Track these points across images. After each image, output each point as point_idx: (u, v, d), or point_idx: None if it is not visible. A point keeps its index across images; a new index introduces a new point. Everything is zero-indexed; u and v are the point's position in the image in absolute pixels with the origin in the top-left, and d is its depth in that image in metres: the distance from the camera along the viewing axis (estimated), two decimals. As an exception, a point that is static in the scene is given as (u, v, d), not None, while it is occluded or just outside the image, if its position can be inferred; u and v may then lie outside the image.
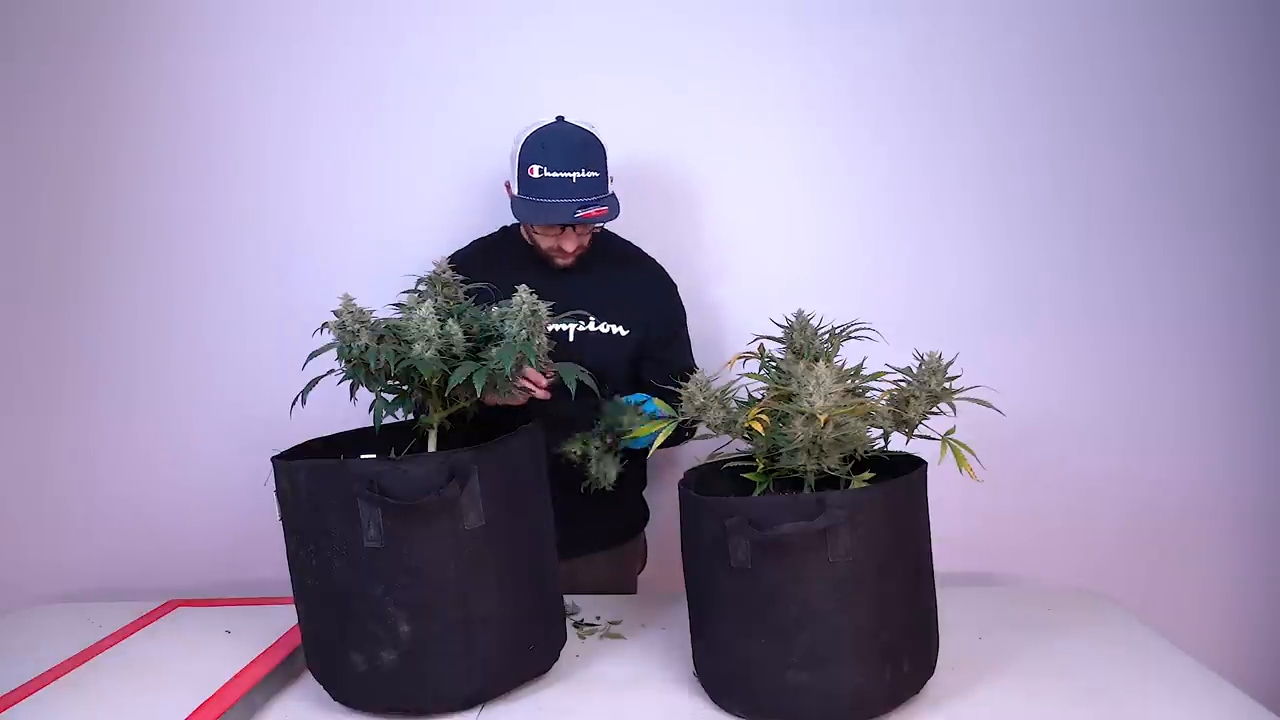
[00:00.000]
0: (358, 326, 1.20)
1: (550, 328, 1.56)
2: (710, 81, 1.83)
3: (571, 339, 1.63)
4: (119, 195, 1.85)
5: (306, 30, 1.84)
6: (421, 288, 1.33)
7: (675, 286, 1.72)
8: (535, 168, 1.51)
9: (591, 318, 1.64)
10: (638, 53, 1.83)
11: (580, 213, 1.50)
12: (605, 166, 1.55)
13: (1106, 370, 1.87)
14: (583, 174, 1.51)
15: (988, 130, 1.83)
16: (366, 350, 1.19)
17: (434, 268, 1.33)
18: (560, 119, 1.55)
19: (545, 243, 1.59)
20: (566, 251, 1.59)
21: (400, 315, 1.25)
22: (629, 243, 1.74)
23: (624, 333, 1.65)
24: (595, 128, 1.55)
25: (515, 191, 1.55)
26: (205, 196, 1.86)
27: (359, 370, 1.22)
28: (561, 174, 1.50)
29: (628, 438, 1.42)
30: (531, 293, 1.25)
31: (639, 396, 1.50)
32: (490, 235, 1.73)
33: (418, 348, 1.18)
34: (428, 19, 1.83)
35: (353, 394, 1.26)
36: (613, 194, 1.56)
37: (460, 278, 1.35)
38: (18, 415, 1.93)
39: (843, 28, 1.82)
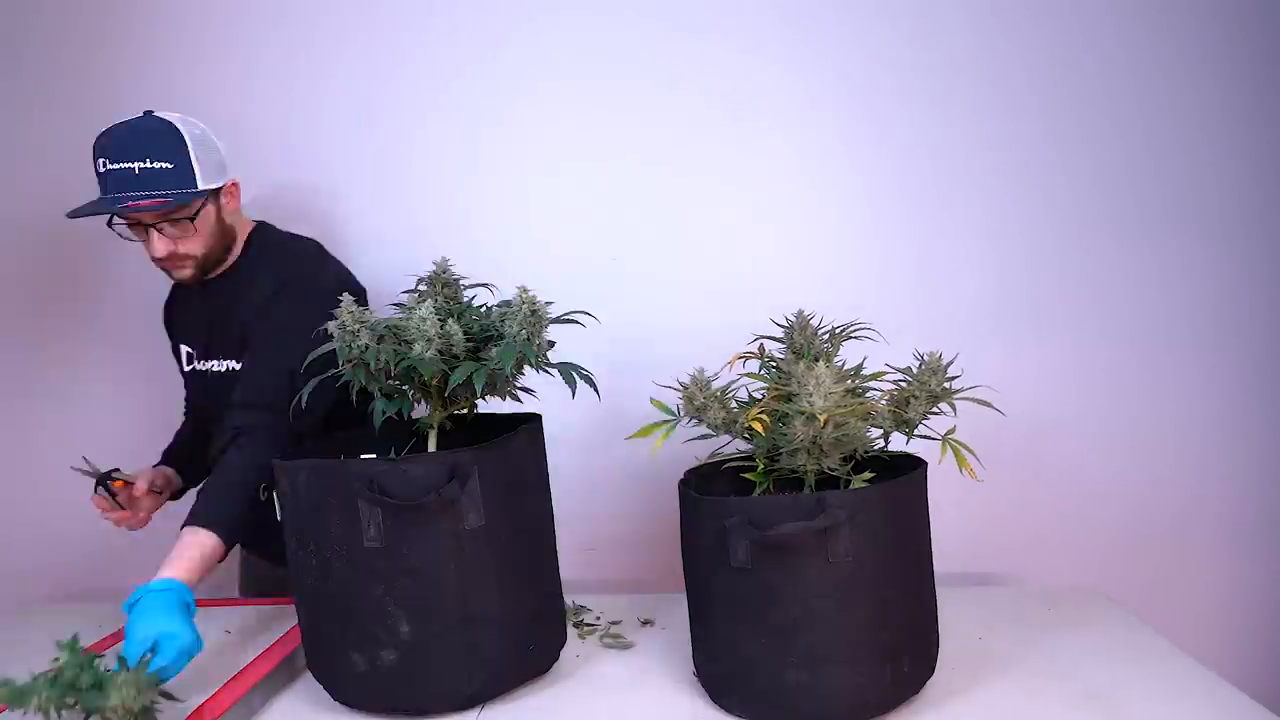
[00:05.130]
0: (358, 326, 1.20)
1: (200, 367, 1.57)
2: (710, 81, 1.83)
3: (209, 379, 1.53)
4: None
5: (315, 28, 1.84)
6: (422, 288, 1.33)
7: (294, 281, 1.48)
8: (101, 161, 1.36)
9: (220, 353, 1.51)
10: (634, 54, 1.83)
11: (121, 204, 1.33)
12: (184, 155, 1.37)
13: (1108, 370, 1.87)
14: (148, 164, 1.35)
15: (992, 131, 1.82)
16: (366, 350, 1.19)
17: (433, 267, 1.33)
18: (147, 113, 1.41)
19: (148, 252, 1.42)
20: (160, 259, 1.42)
21: (400, 315, 1.25)
22: (284, 244, 1.57)
23: (235, 366, 1.50)
24: (188, 121, 1.41)
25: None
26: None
27: (359, 370, 1.22)
28: (121, 164, 1.34)
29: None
30: (530, 291, 1.23)
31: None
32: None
33: (418, 348, 1.18)
34: (425, 19, 1.83)
35: (352, 393, 1.26)
36: (205, 190, 1.39)
37: (459, 276, 1.35)
38: (17, 415, 1.93)
39: (843, 26, 1.81)
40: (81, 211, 1.37)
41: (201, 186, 1.40)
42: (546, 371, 1.26)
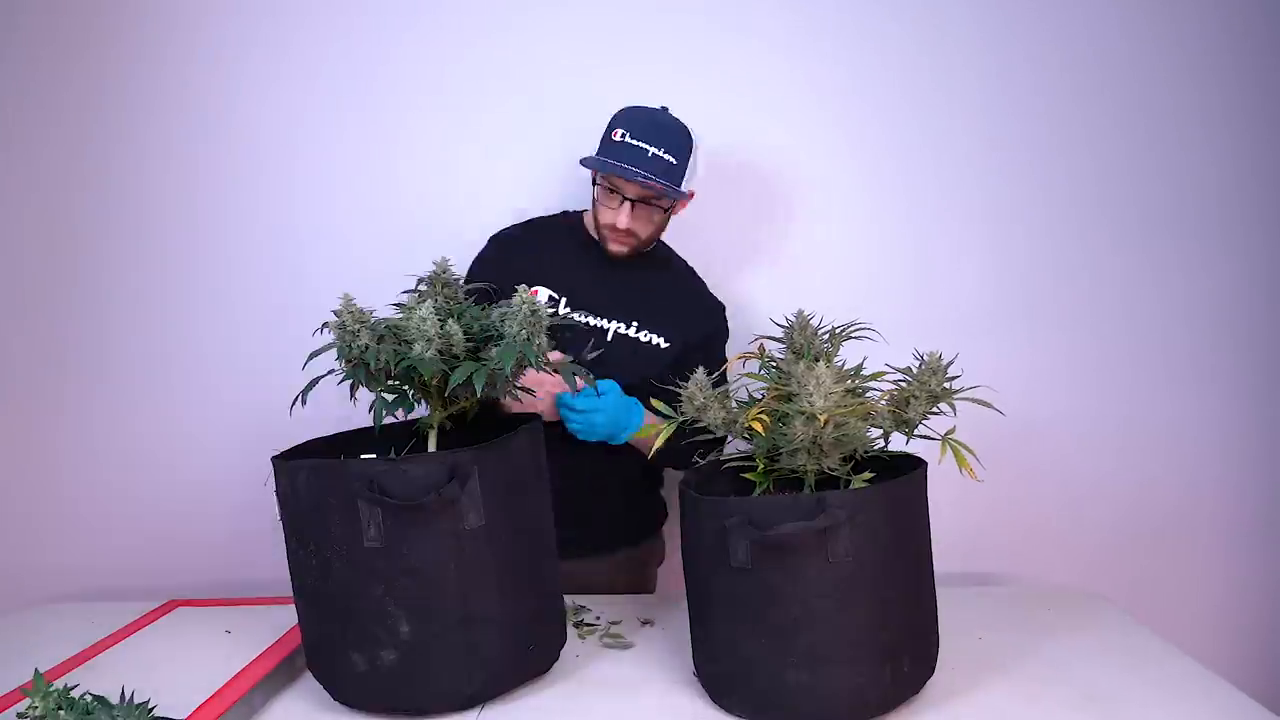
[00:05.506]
0: (358, 326, 1.20)
1: (588, 322, 1.60)
2: (710, 81, 1.83)
3: (610, 339, 1.63)
4: (117, 195, 1.85)
5: (307, 28, 1.84)
6: (422, 288, 1.33)
7: (724, 308, 1.73)
8: (619, 131, 1.56)
9: (634, 323, 1.64)
10: (638, 52, 1.83)
11: (639, 176, 1.51)
12: (686, 158, 1.56)
13: (1108, 371, 1.88)
14: (659, 152, 1.53)
15: (991, 131, 1.83)
16: (366, 350, 1.19)
17: (434, 267, 1.33)
18: (664, 109, 1.61)
19: (603, 217, 1.60)
20: (619, 229, 1.58)
21: (401, 315, 1.25)
22: (686, 261, 1.76)
23: (663, 344, 1.64)
24: (693, 132, 1.59)
25: (594, 154, 1.58)
26: (206, 196, 1.86)
27: (359, 370, 1.22)
28: (639, 143, 1.53)
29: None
30: (531, 291, 1.24)
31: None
32: (549, 216, 1.75)
33: (418, 347, 1.18)
34: (430, 15, 1.83)
35: (353, 394, 1.26)
36: (685, 190, 1.58)
37: (459, 276, 1.35)
38: (17, 415, 1.93)
39: (846, 25, 1.82)
40: (591, 162, 1.56)
41: (684, 189, 1.59)
42: (546, 372, 1.26)
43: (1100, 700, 1.20)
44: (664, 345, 1.64)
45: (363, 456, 1.25)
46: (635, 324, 1.64)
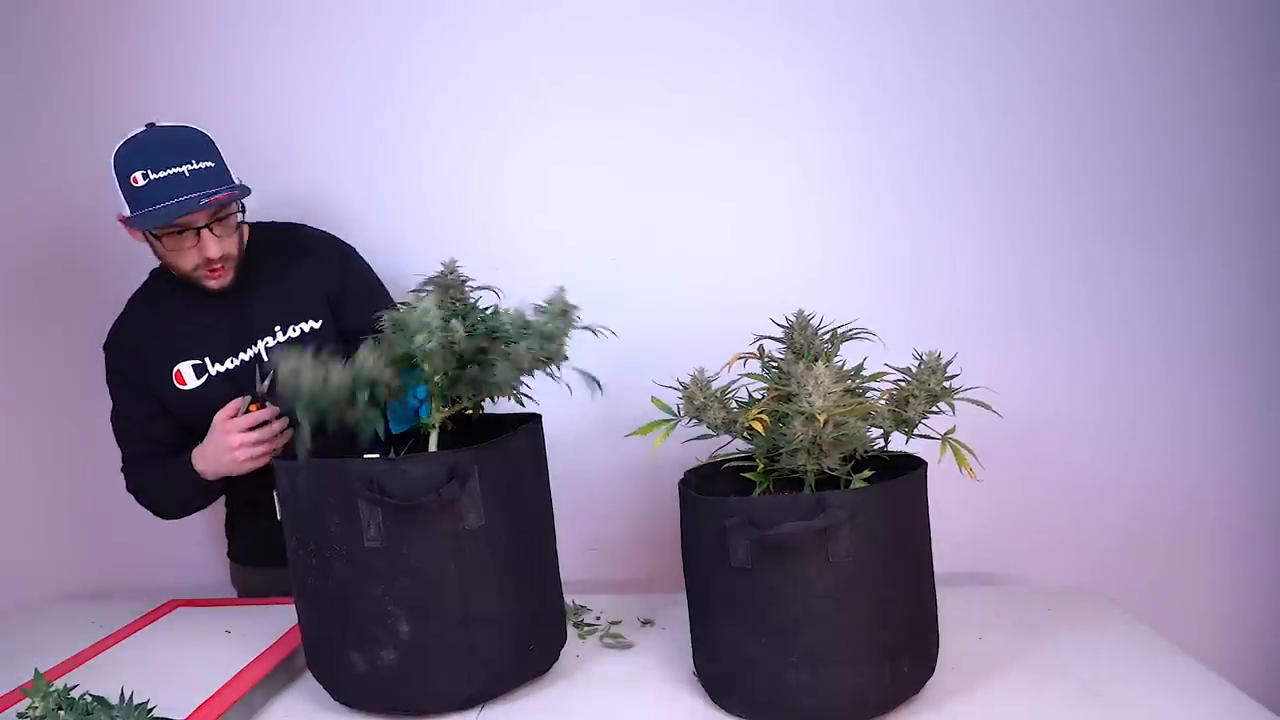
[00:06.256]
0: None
1: (243, 359, 1.53)
2: (709, 81, 1.83)
3: (266, 359, 1.53)
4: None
5: (306, 29, 1.84)
6: (429, 287, 1.32)
7: (350, 248, 1.62)
8: (137, 175, 1.36)
9: (275, 327, 1.53)
10: (636, 57, 1.83)
11: (204, 200, 1.35)
12: (220, 158, 1.42)
13: (1108, 371, 1.87)
14: (195, 165, 1.37)
15: (990, 131, 1.82)
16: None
17: (441, 267, 1.33)
18: (151, 125, 1.43)
19: (187, 262, 1.44)
20: (213, 261, 1.44)
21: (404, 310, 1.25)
22: (286, 225, 1.63)
23: (316, 325, 1.55)
24: (199, 127, 1.44)
25: (130, 211, 1.39)
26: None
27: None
28: (170, 171, 1.36)
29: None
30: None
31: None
32: (142, 286, 1.62)
33: (420, 339, 1.18)
34: (423, 19, 1.83)
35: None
36: (241, 183, 1.43)
37: (466, 278, 1.34)
38: (17, 416, 1.93)
39: (844, 27, 1.81)
40: (149, 220, 1.36)
41: (238, 183, 1.43)
42: (550, 375, 1.26)
43: (1101, 700, 1.20)
44: (316, 325, 1.55)
45: (364, 456, 1.25)
46: (278, 328, 1.54)
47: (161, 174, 1.35)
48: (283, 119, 1.86)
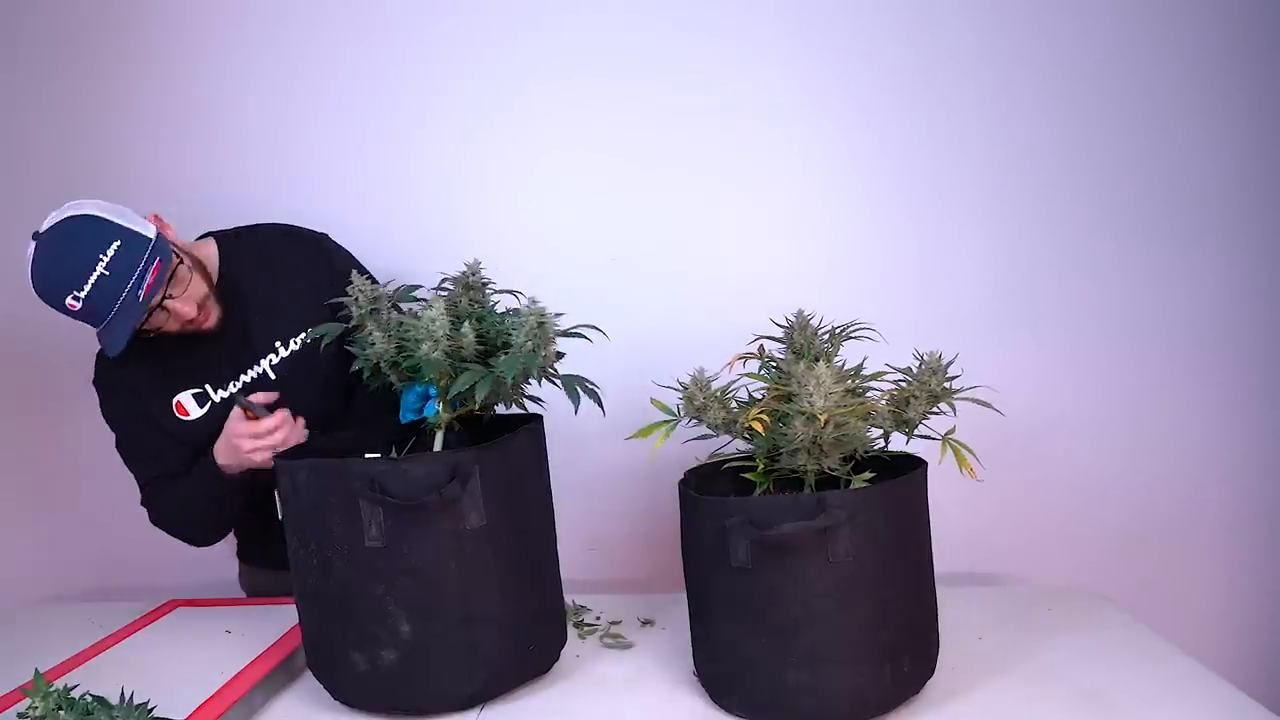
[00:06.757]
0: (370, 328, 1.20)
1: (246, 380, 1.51)
2: (709, 80, 1.83)
3: (273, 378, 1.51)
4: (128, 198, 1.84)
5: (305, 30, 1.84)
6: (449, 286, 1.32)
7: (324, 236, 1.58)
8: (71, 300, 1.30)
9: (276, 342, 1.51)
10: (634, 55, 1.83)
11: (140, 295, 1.30)
12: (119, 226, 1.32)
13: (1109, 371, 1.87)
14: (105, 257, 1.29)
15: (995, 130, 1.82)
16: (373, 347, 1.20)
17: (465, 268, 1.32)
18: (35, 234, 1.33)
19: (172, 327, 1.42)
20: (193, 318, 1.40)
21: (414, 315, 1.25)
22: (252, 232, 1.58)
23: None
24: (72, 203, 1.35)
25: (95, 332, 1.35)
26: (216, 197, 1.86)
27: (366, 363, 1.23)
28: (91, 279, 1.29)
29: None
30: (540, 303, 1.21)
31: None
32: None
33: (425, 348, 1.18)
34: (422, 20, 1.83)
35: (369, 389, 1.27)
36: (155, 242, 1.34)
37: (488, 280, 1.33)
38: (17, 415, 1.93)
39: (845, 26, 1.81)
40: (115, 339, 1.33)
41: (152, 235, 1.35)
42: (552, 383, 1.26)
43: (1101, 701, 1.20)
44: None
45: (365, 455, 1.25)
46: (279, 343, 1.52)
47: (86, 287, 1.29)
48: (280, 119, 1.85)
